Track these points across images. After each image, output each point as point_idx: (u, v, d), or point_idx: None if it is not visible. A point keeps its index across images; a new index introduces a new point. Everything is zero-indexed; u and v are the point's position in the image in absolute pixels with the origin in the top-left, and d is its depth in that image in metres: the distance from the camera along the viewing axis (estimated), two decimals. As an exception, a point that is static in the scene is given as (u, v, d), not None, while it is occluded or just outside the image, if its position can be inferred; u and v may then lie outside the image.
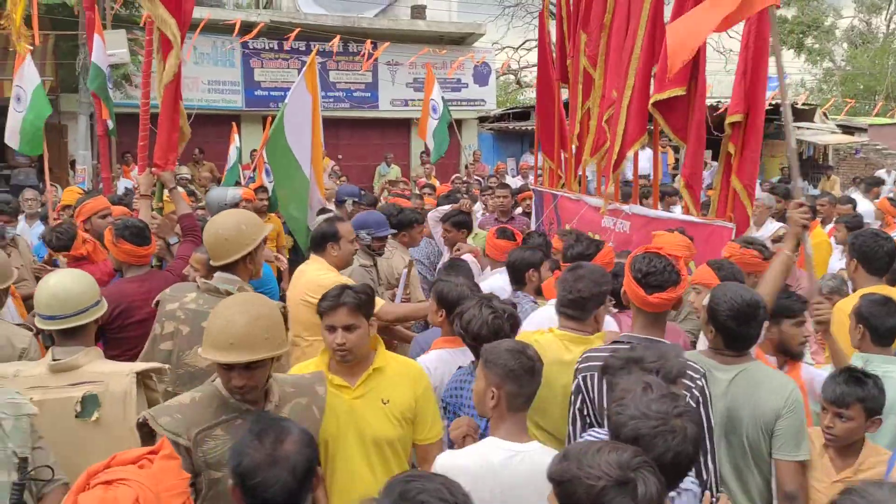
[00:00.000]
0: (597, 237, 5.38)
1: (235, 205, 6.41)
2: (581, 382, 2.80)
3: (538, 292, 4.28)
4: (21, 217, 7.72)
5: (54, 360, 2.74)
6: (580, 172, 6.64)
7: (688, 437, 1.91)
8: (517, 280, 4.29)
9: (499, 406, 2.47)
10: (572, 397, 2.85)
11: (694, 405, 2.55)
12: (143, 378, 2.79)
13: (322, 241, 4.29)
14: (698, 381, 2.60)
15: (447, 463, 2.41)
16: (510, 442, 2.42)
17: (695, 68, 4.69)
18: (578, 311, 3.05)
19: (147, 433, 2.42)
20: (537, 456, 2.38)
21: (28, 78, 7.15)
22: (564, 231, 4.95)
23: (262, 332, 2.38)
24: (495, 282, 4.69)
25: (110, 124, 7.53)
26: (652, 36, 4.98)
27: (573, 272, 3.12)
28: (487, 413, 2.52)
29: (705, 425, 2.56)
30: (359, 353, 2.81)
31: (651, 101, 4.85)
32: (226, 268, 3.44)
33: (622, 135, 5.20)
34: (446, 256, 5.98)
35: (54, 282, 2.87)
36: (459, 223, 5.95)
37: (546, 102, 7.31)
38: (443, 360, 3.32)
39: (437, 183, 12.05)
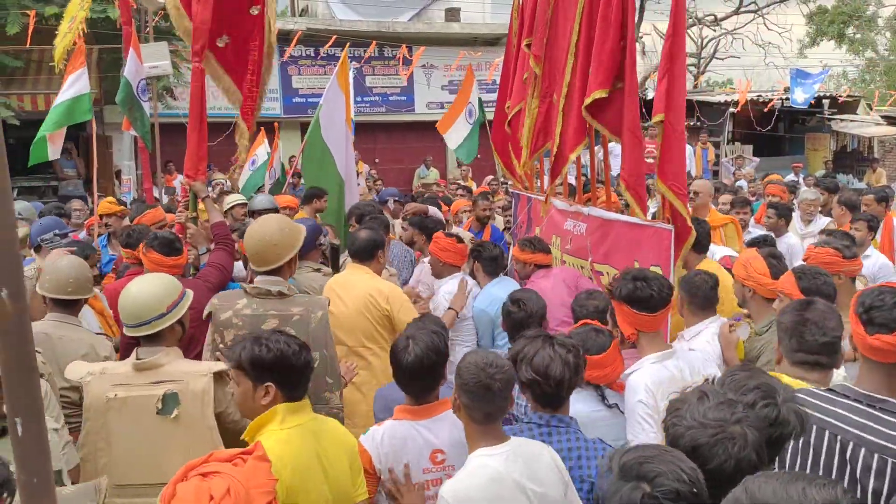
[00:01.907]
0: (558, 240, 5.30)
1: (273, 210, 6.52)
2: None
3: None
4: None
5: (138, 359, 2.87)
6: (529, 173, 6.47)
7: (748, 443, 1.79)
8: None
9: (461, 413, 2.41)
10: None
11: None
12: (218, 377, 2.90)
13: (373, 248, 4.25)
14: None
15: (458, 489, 2.27)
16: (493, 447, 2.34)
17: (623, 68, 4.44)
18: (830, 357, 2.52)
19: None
20: (528, 445, 2.40)
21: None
22: (525, 239, 4.87)
23: None
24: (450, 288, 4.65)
25: (133, 133, 7.68)
26: (588, 35, 4.68)
27: (811, 310, 2.57)
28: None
29: None
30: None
31: (583, 104, 4.57)
32: (269, 271, 3.42)
33: (560, 136, 4.99)
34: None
35: (135, 290, 2.98)
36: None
37: (500, 104, 7.03)
38: (397, 436, 2.66)
39: (474, 185, 12.07)
